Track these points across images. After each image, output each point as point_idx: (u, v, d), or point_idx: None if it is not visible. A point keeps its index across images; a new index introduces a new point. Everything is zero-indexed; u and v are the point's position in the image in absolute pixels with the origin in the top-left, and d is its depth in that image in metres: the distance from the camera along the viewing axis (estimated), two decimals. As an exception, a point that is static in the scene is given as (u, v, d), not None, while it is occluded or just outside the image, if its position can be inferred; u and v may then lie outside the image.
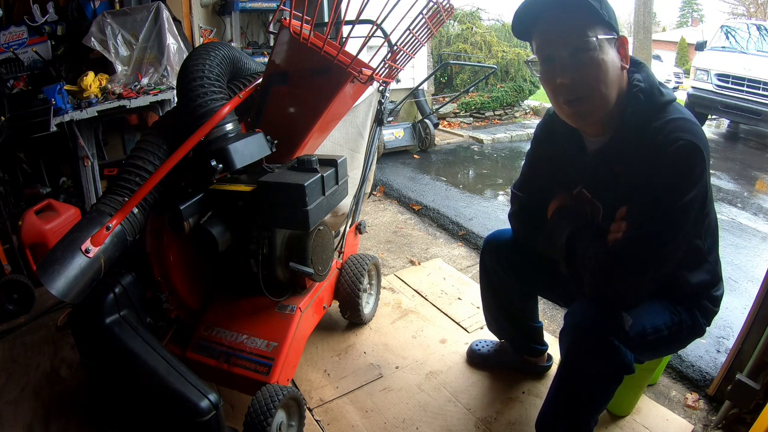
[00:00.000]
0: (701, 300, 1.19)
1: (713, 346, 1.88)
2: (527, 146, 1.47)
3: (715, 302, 1.21)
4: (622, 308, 1.07)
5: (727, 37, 6.31)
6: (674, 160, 0.97)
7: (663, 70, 13.30)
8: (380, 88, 1.80)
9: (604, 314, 1.06)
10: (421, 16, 1.36)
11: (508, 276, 1.45)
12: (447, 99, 6.22)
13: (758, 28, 6.20)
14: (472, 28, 7.28)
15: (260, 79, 1.46)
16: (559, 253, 1.15)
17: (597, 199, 1.16)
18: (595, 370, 1.08)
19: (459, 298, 2.14)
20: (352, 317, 1.87)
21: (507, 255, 1.43)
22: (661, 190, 0.99)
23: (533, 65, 1.12)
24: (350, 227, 1.88)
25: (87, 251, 1.14)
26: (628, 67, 1.07)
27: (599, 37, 1.01)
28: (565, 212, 1.21)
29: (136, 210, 1.25)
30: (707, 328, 1.22)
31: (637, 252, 1.00)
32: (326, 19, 3.66)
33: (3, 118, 2.16)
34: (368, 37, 1.31)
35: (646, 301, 1.11)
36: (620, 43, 1.05)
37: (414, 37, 1.40)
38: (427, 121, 4.87)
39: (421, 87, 4.78)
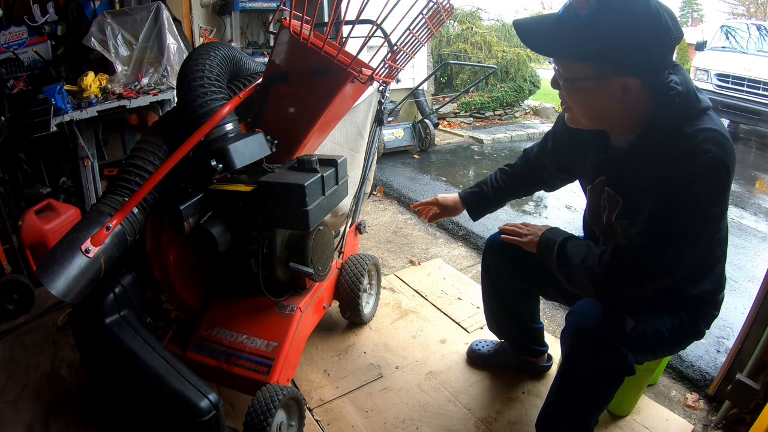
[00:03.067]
0: (703, 305, 1.18)
1: (713, 346, 1.88)
2: (527, 146, 1.48)
3: (716, 306, 1.21)
4: (625, 310, 1.07)
5: (727, 37, 6.30)
6: (701, 173, 0.93)
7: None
8: (380, 88, 1.80)
9: (606, 315, 1.06)
10: (421, 16, 1.36)
11: (511, 276, 1.45)
12: (447, 99, 6.22)
13: (758, 28, 6.20)
14: (472, 28, 7.27)
15: (260, 79, 1.46)
16: (553, 265, 1.16)
17: (618, 194, 1.13)
18: (595, 371, 1.08)
19: (459, 298, 2.14)
20: (352, 317, 1.87)
21: (510, 255, 1.42)
22: (683, 201, 0.95)
23: None
24: (350, 227, 1.88)
25: (87, 251, 1.14)
26: (637, 98, 0.99)
27: (587, 77, 0.99)
28: (550, 233, 1.22)
29: (136, 210, 1.24)
30: (706, 330, 1.22)
31: (648, 258, 0.98)
32: (326, 19, 3.66)
33: (3, 118, 2.15)
34: (368, 37, 1.31)
35: (647, 304, 1.11)
36: (622, 83, 0.97)
37: (414, 37, 1.40)
38: (427, 121, 4.86)
39: (421, 87, 4.77)
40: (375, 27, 1.36)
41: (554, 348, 1.72)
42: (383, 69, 1.42)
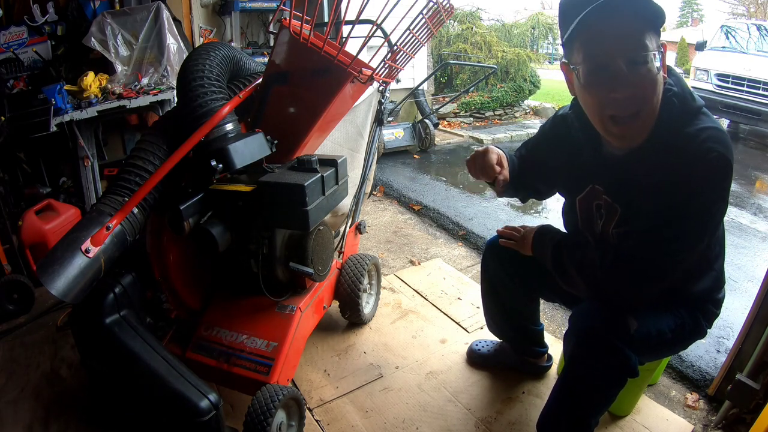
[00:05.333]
0: (704, 304, 1.19)
1: (713, 346, 1.88)
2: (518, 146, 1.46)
3: (717, 305, 1.21)
4: (626, 310, 1.06)
5: (727, 37, 6.30)
6: (706, 171, 0.93)
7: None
8: (380, 88, 1.80)
9: (610, 317, 1.05)
10: (421, 16, 1.36)
11: (512, 279, 1.44)
12: (447, 99, 6.21)
13: (758, 28, 6.19)
14: (472, 28, 7.27)
15: (260, 79, 1.46)
16: (548, 265, 1.16)
17: (616, 202, 1.12)
18: (599, 373, 1.07)
19: (459, 298, 2.14)
20: (352, 317, 1.87)
21: (509, 258, 1.40)
22: (688, 199, 0.95)
23: (576, 71, 1.00)
24: (350, 227, 1.88)
25: (87, 251, 1.14)
26: (666, 75, 1.00)
27: (657, 49, 0.94)
28: (544, 230, 1.22)
29: (136, 210, 1.25)
30: (708, 330, 1.22)
31: (655, 260, 0.98)
32: (326, 19, 3.66)
33: (3, 118, 2.16)
34: (368, 37, 1.31)
35: (649, 305, 1.11)
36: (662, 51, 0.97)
37: (414, 37, 1.40)
38: (427, 121, 4.86)
39: (421, 87, 4.77)
40: (375, 27, 1.36)
41: (554, 348, 1.72)
42: (383, 69, 1.42)
